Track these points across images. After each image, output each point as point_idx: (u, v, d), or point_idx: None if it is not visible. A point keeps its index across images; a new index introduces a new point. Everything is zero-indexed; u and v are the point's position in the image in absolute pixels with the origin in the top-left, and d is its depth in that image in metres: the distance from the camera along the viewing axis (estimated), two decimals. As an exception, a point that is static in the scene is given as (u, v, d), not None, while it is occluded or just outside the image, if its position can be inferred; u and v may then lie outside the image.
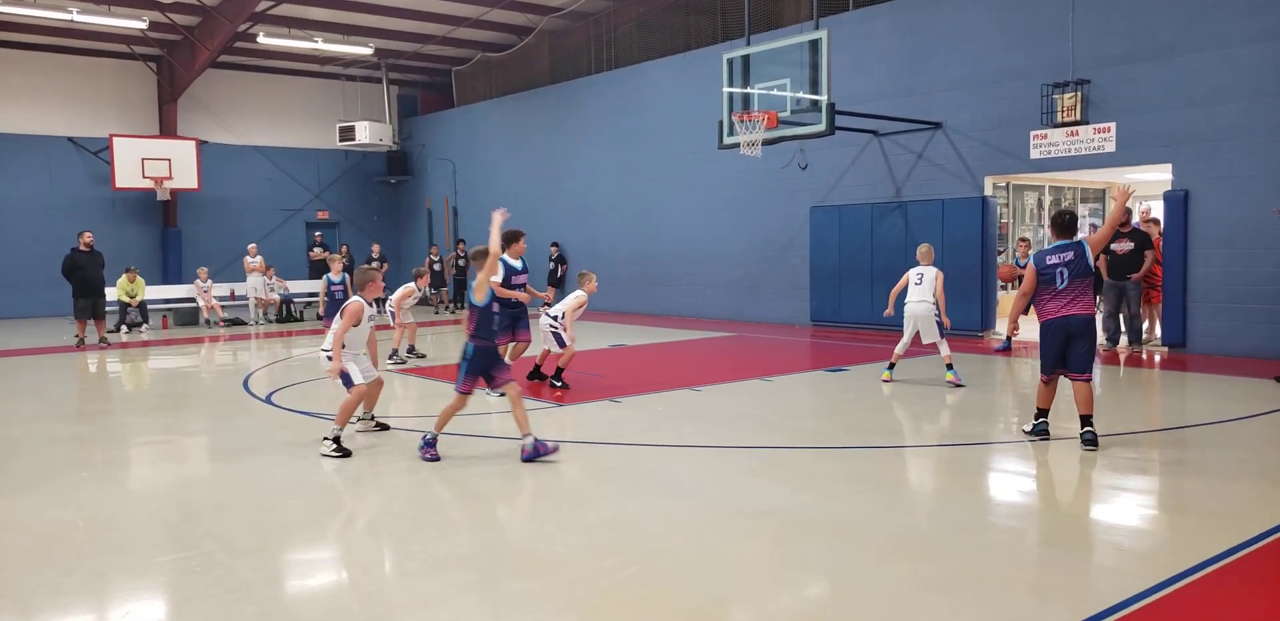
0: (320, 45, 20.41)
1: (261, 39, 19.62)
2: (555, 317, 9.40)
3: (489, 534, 4.97)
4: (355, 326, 6.90)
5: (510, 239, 8.84)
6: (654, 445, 6.90)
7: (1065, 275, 6.48)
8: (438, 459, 6.52)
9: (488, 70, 23.34)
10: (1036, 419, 6.83)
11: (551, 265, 20.10)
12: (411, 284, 12.40)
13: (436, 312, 20.33)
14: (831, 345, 12.87)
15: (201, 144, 21.67)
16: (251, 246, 19.75)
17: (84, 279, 14.57)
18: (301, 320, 19.11)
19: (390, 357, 11.68)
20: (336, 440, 6.71)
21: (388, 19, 20.18)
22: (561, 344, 9.32)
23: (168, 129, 22.03)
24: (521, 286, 9.20)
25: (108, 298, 15.62)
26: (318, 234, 22.51)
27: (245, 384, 10.33)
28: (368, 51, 21.31)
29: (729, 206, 16.84)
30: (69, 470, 6.49)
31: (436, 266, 21.36)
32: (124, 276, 17.04)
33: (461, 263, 21.51)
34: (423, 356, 12.32)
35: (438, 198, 24.27)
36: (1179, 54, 11.19)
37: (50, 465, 6.63)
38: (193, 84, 21.77)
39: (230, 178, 22.64)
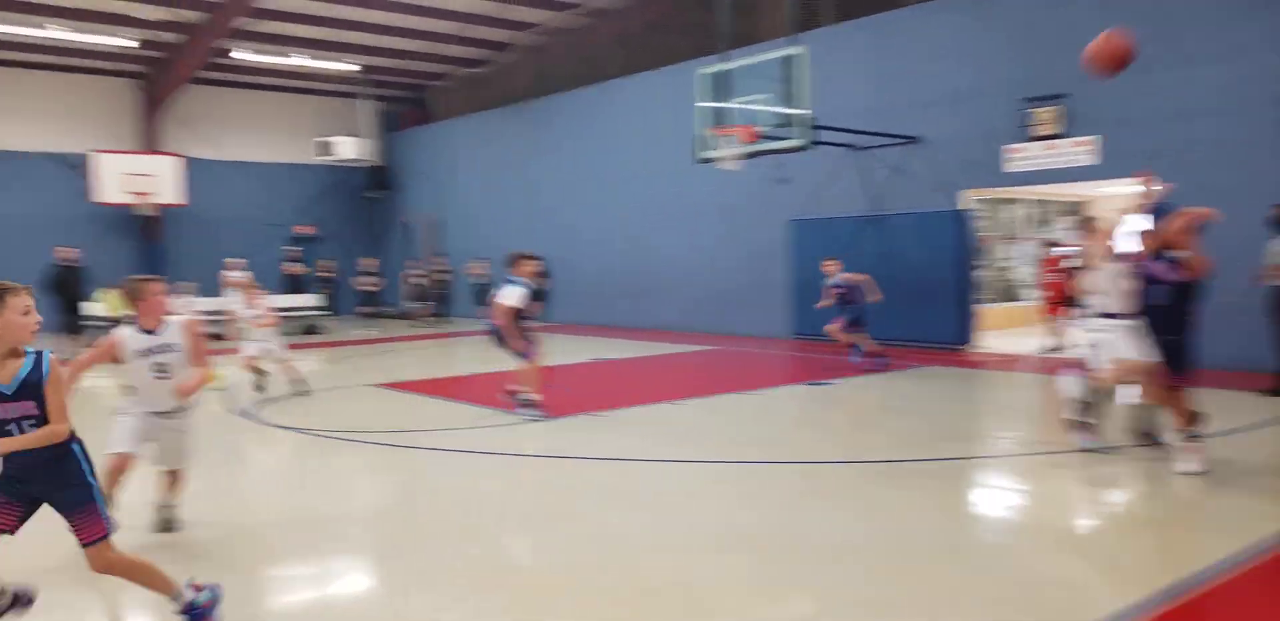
0: (301, 61, 20.53)
1: (235, 55, 19.70)
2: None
3: (473, 548, 5.04)
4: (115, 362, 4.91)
5: (518, 260, 8.71)
6: (635, 460, 6.99)
7: None
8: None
9: (467, 85, 23.51)
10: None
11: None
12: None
13: (416, 327, 20.36)
14: (813, 358, 13.02)
15: (187, 160, 21.68)
16: (230, 261, 19.72)
17: (66, 296, 14.56)
18: (284, 335, 19.06)
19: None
20: None
21: (369, 35, 20.32)
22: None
23: (151, 145, 22.03)
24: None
25: (95, 311, 15.59)
26: (292, 249, 22.42)
27: (227, 399, 10.35)
28: (353, 68, 21.44)
29: (709, 220, 17.02)
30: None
31: (420, 281, 21.42)
32: (109, 291, 16.99)
33: (443, 277, 21.57)
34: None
35: (418, 212, 24.35)
36: (1160, 69, 11.41)
37: None
38: (176, 100, 21.82)
39: (215, 193, 22.62)
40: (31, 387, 3.40)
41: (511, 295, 8.47)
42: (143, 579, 3.67)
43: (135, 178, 20.49)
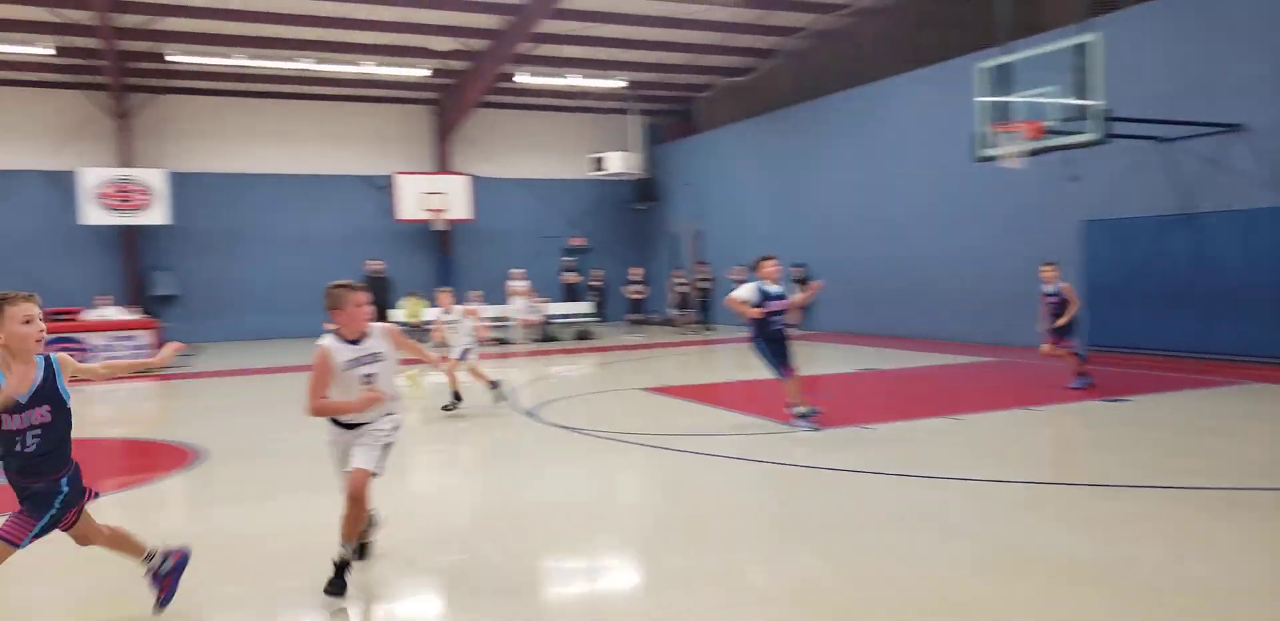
0: (574, 81, 21.62)
1: (518, 78, 21.06)
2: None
3: (737, 554, 4.94)
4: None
5: (758, 262, 8.52)
6: (910, 475, 6.62)
7: None
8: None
9: (731, 94, 23.70)
10: None
11: (795, 287, 19.94)
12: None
13: (681, 334, 20.71)
14: (1109, 372, 11.83)
15: (474, 178, 23.48)
16: (515, 271, 21.06)
17: (374, 303, 16.17)
18: (560, 340, 20.12)
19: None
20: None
21: (636, 52, 21.01)
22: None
23: (443, 165, 24.08)
24: (777, 313, 8.38)
25: (396, 318, 17.21)
26: (569, 259, 23.66)
27: (512, 398, 10.97)
28: (620, 85, 22.30)
29: (989, 223, 15.98)
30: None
31: (683, 289, 21.81)
32: (409, 298, 18.73)
33: (705, 285, 21.84)
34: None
35: (682, 222, 24.83)
36: None
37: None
38: (465, 123, 23.72)
39: (498, 208, 24.32)
40: (47, 391, 3.53)
41: (741, 290, 8.39)
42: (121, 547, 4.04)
43: (430, 196, 22.45)
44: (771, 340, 8.30)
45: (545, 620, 4.04)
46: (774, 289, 8.37)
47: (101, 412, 12.01)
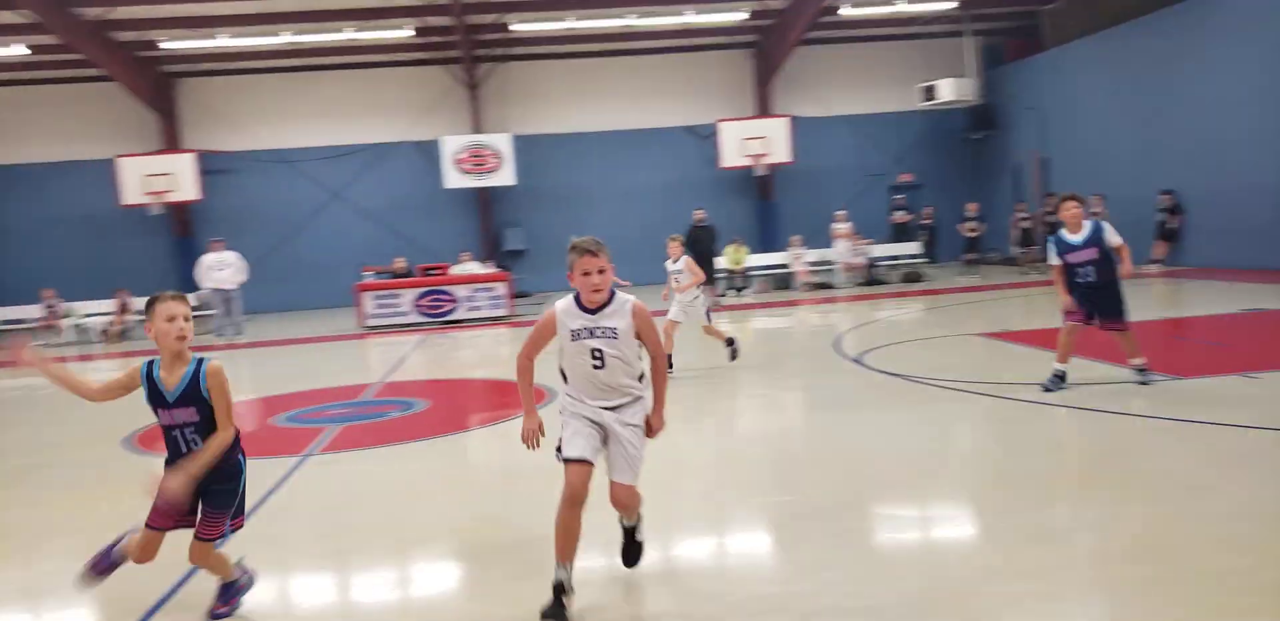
0: (902, 7, 20.39)
1: (843, 11, 20.22)
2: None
3: (1088, 511, 4.47)
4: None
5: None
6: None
7: None
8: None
9: (1082, 3, 21.10)
10: None
11: (1160, 216, 17.62)
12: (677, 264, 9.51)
13: (1024, 274, 19.16)
14: None
15: (794, 119, 23.14)
16: (838, 213, 20.59)
17: (700, 252, 16.53)
18: (887, 283, 19.46)
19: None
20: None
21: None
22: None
23: (764, 109, 23.94)
24: (1088, 262, 7.01)
25: (718, 265, 17.56)
26: (899, 197, 22.68)
27: (836, 344, 10.79)
28: (951, 5, 20.74)
29: None
30: (700, 416, 7.39)
31: (1026, 224, 20.14)
32: (731, 246, 19.02)
33: (1051, 219, 19.94)
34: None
35: (1024, 150, 22.78)
36: None
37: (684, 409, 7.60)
38: (785, 63, 23.32)
39: (818, 149, 23.83)
40: (190, 395, 3.54)
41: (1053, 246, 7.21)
42: (218, 570, 3.80)
43: (750, 141, 22.45)
44: (1081, 294, 7.10)
45: (882, 567, 3.92)
46: (1074, 238, 7.08)
47: (469, 356, 13.47)
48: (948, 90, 22.46)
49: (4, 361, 3.94)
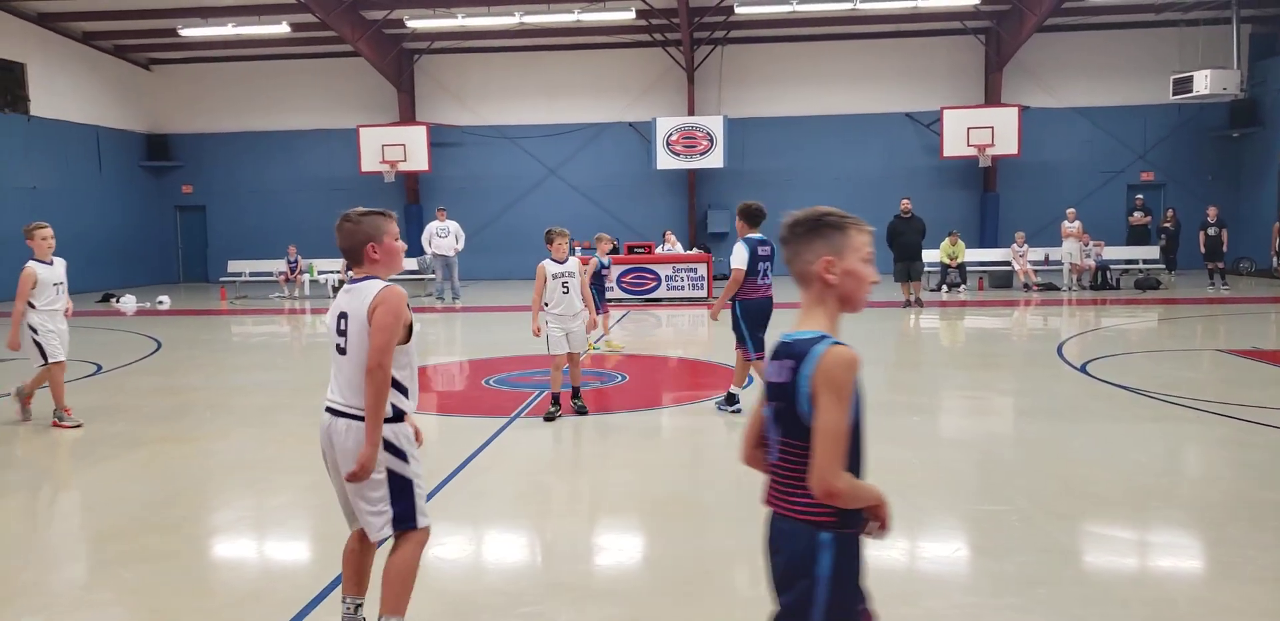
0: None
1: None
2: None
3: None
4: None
5: None
6: None
7: None
8: None
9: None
10: None
11: None
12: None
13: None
14: None
15: (1023, 109, 21.77)
16: (1070, 211, 19.21)
17: (903, 244, 15.85)
18: (1118, 288, 18.00)
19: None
20: None
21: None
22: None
23: (992, 97, 22.63)
24: None
25: (930, 259, 16.80)
26: (1139, 197, 20.91)
27: (1059, 350, 10.10)
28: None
29: None
30: (908, 413, 7.12)
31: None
32: (946, 239, 18.16)
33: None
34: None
35: (1294, 151, 20.38)
36: None
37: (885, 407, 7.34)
38: (1019, 50, 21.92)
39: (1049, 142, 22.33)
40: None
41: None
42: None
43: (975, 131, 21.32)
44: None
45: (1100, 590, 3.62)
46: None
47: (667, 335, 13.61)
48: (1206, 82, 20.30)
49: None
